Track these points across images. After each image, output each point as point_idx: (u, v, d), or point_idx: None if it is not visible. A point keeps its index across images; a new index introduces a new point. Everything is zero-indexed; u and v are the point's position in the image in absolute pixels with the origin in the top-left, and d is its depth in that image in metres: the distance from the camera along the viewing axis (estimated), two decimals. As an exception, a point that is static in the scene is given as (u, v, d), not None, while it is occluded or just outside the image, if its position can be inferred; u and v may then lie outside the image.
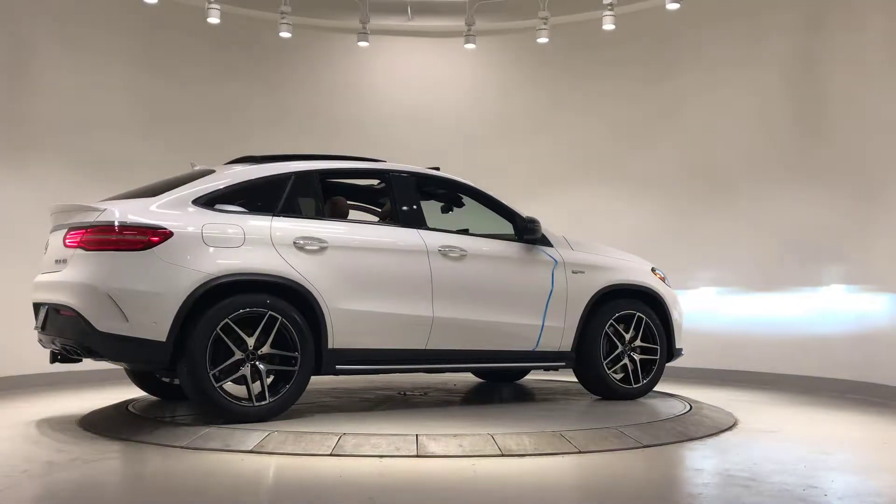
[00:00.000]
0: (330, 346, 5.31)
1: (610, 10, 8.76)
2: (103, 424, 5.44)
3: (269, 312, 5.10)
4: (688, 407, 6.12)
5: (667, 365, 6.66)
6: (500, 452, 4.60)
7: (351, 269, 5.41)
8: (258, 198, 5.46)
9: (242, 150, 9.00)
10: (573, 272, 6.19)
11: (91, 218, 5.09)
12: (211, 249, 5.05)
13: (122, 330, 4.91)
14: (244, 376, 5.08)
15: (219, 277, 5.00)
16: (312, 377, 5.36)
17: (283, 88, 9.79)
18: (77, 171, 8.38)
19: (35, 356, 7.83)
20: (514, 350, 6.08)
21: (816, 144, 8.14)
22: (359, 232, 5.72)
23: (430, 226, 5.90)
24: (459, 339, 5.82)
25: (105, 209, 5.10)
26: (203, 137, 9.18)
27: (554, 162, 9.73)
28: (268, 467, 4.33)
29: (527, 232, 6.09)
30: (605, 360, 6.27)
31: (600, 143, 9.62)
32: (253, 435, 4.78)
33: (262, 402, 5.11)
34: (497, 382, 7.69)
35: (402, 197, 5.87)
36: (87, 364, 7.84)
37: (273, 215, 5.34)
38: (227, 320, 5.00)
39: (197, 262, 4.99)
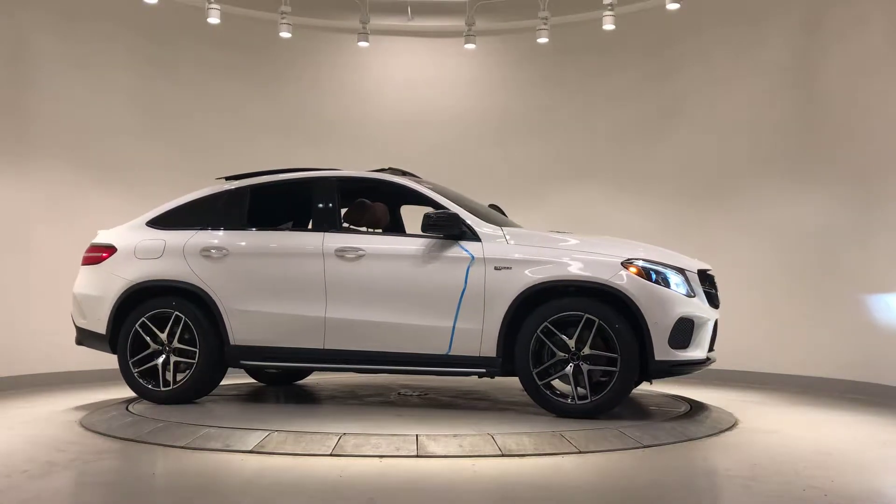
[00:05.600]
0: (231, 342, 6.00)
1: (610, 10, 8.76)
2: (103, 424, 5.45)
3: (175, 312, 6.03)
4: (688, 407, 6.12)
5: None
6: (500, 452, 4.60)
7: (247, 273, 6.03)
8: (203, 214, 6.35)
9: (241, 150, 9.10)
10: (495, 269, 5.51)
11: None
12: (139, 261, 6.22)
13: (84, 325, 6.42)
14: (156, 365, 6.05)
15: (137, 283, 6.15)
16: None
17: (283, 88, 9.79)
18: (77, 172, 8.38)
19: (34, 356, 7.87)
20: (426, 354, 5.65)
21: (817, 144, 8.13)
22: (259, 239, 6.16)
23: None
24: (357, 340, 5.75)
25: (98, 234, 6.59)
26: (203, 137, 9.20)
27: (554, 162, 9.72)
28: (268, 467, 4.33)
29: (426, 228, 5.64)
30: (535, 368, 5.44)
31: (600, 144, 9.60)
32: (253, 435, 4.80)
33: (167, 388, 6.04)
34: None
35: (317, 203, 6.14)
36: (87, 364, 7.91)
37: (200, 229, 6.21)
38: (143, 319, 6.09)
39: (126, 271, 6.21)
